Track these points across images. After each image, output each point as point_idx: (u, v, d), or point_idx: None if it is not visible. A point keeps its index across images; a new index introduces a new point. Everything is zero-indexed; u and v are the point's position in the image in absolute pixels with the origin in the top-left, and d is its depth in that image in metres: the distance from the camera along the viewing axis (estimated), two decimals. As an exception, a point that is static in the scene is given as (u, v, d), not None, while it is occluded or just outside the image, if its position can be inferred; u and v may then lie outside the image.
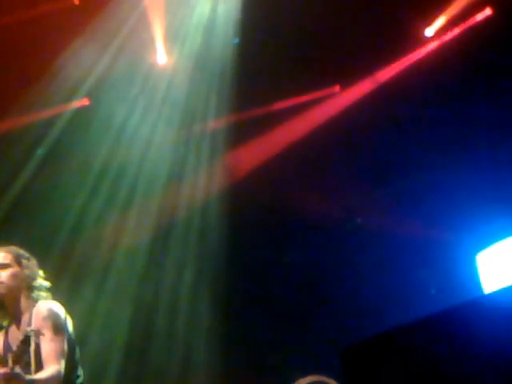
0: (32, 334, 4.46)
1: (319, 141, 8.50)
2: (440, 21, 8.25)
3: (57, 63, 7.99)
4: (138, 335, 8.55)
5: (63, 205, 8.43)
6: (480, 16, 8.07)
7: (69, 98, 8.34)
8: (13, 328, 4.86)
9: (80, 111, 8.48)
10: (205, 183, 8.81)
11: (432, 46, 8.32)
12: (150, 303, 8.57)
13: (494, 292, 6.53)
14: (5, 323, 4.90)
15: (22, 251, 4.98)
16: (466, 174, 7.96)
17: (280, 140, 8.75)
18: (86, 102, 8.52)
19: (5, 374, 4.35)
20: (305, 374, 5.89)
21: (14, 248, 4.97)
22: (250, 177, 8.71)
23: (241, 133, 8.70)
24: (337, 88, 8.81)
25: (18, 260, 4.91)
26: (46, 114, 8.33)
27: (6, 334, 4.87)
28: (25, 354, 4.49)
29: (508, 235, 7.73)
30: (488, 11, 8.06)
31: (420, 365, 4.60)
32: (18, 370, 4.39)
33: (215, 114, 8.65)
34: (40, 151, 8.41)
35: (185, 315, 8.56)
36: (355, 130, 8.40)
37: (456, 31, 8.21)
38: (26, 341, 4.46)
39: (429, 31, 8.32)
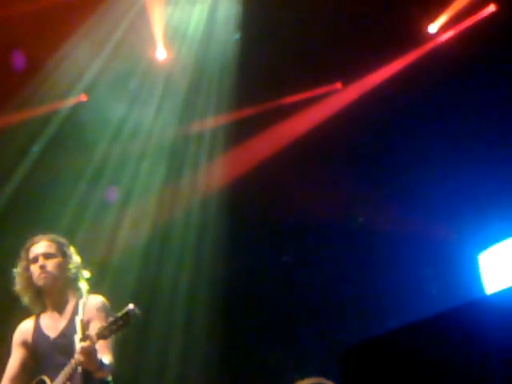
0: (128, 316, 4.42)
1: (321, 138, 8.44)
2: (443, 17, 8.19)
3: (55, 58, 7.93)
4: (136, 335, 8.49)
5: (60, 202, 8.38)
6: (484, 13, 8.00)
7: (66, 93, 8.29)
8: (48, 316, 4.88)
9: (78, 107, 8.43)
10: (204, 181, 8.77)
11: (435, 42, 8.26)
12: (148, 302, 8.51)
13: (496, 293, 6.44)
14: (35, 310, 4.93)
15: (63, 240, 5.01)
16: (469, 173, 7.90)
17: (280, 137, 8.70)
18: (83, 97, 8.47)
19: (88, 348, 4.38)
20: (304, 375, 5.83)
21: (56, 237, 5.00)
22: (249, 174, 8.66)
23: (241, 130, 8.65)
24: (339, 85, 8.75)
25: (62, 249, 4.94)
26: (43, 109, 8.27)
27: (37, 321, 4.89)
28: (110, 335, 4.48)
29: (510, 235, 7.68)
30: (492, 8, 8.00)
31: (421, 366, 4.51)
32: (97, 347, 4.45)
33: (215, 111, 8.60)
34: (36, 148, 8.35)
35: (183, 315, 8.52)
36: (357, 128, 8.34)
37: (459, 28, 8.15)
38: (116, 323, 4.43)
39: (432, 28, 8.25)
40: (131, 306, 4.44)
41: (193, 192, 8.75)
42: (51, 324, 4.85)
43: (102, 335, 4.43)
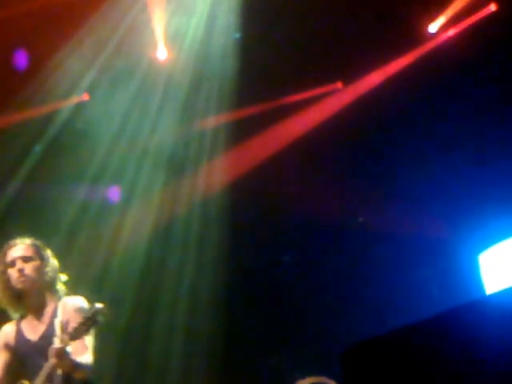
0: (97, 314, 4.45)
1: (321, 138, 8.44)
2: (444, 17, 8.19)
3: (56, 58, 7.94)
4: (137, 335, 8.51)
5: (61, 202, 8.38)
6: (484, 12, 8.01)
7: (68, 93, 8.29)
8: (28, 320, 4.87)
9: (79, 107, 8.43)
10: (205, 181, 8.76)
11: (435, 42, 8.26)
12: (150, 302, 8.53)
13: (497, 293, 6.45)
14: (15, 316, 4.90)
15: (40, 243, 4.97)
16: (470, 173, 7.91)
17: (281, 137, 8.70)
18: (85, 97, 8.47)
19: (59, 350, 4.41)
20: (305, 375, 5.83)
21: (33, 240, 4.96)
22: (250, 175, 8.66)
23: (241, 130, 8.65)
24: (339, 84, 8.75)
25: (39, 253, 4.90)
26: (44, 109, 8.27)
27: (19, 325, 4.87)
28: (82, 336, 4.50)
29: (510, 235, 7.68)
30: (492, 7, 8.00)
31: (421, 366, 4.54)
32: (70, 349, 4.46)
33: (216, 111, 8.61)
34: (38, 147, 8.35)
35: (184, 315, 8.52)
36: (357, 128, 8.34)
37: (460, 27, 8.15)
38: (86, 323, 4.46)
39: (432, 27, 8.26)
40: (98, 305, 4.49)
41: (194, 192, 8.76)
42: (32, 327, 4.84)
43: (73, 336, 4.46)
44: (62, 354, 4.43)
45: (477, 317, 4.28)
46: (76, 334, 4.47)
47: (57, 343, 4.47)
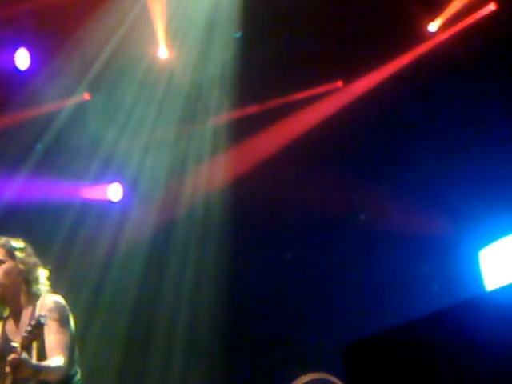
0: (44, 320, 4.41)
1: (322, 136, 8.46)
2: (443, 16, 8.21)
3: (58, 57, 7.95)
4: (139, 333, 8.52)
5: (63, 201, 8.38)
6: (484, 11, 8.02)
7: (69, 92, 8.30)
8: (10, 322, 4.82)
9: (80, 106, 8.44)
10: (206, 180, 8.77)
11: (435, 41, 8.28)
12: (151, 300, 8.54)
13: (497, 289, 6.45)
14: (6, 313, 4.86)
15: (14, 242, 4.87)
16: (470, 169, 7.93)
17: (282, 136, 8.71)
18: (86, 96, 8.48)
19: (13, 360, 4.32)
20: (306, 371, 5.86)
21: (5, 240, 4.86)
22: (251, 173, 8.67)
23: (242, 128, 8.66)
24: (340, 83, 8.76)
25: (11, 254, 4.80)
26: (45, 108, 8.27)
27: (4, 325, 4.83)
28: (35, 340, 4.43)
29: (511, 232, 7.68)
30: (492, 6, 8.02)
31: (422, 363, 4.54)
32: (25, 356, 4.37)
33: (217, 109, 8.62)
34: (39, 146, 8.36)
35: (186, 312, 8.54)
36: (358, 126, 8.35)
37: (460, 27, 8.17)
38: (36, 327, 4.40)
39: (432, 26, 8.28)
40: (42, 319, 4.43)
41: (196, 190, 8.76)
42: (15, 329, 4.79)
43: (23, 346, 4.37)
44: (16, 364, 4.32)
45: (477, 313, 4.28)
46: (25, 344, 4.38)
47: (12, 355, 4.35)
